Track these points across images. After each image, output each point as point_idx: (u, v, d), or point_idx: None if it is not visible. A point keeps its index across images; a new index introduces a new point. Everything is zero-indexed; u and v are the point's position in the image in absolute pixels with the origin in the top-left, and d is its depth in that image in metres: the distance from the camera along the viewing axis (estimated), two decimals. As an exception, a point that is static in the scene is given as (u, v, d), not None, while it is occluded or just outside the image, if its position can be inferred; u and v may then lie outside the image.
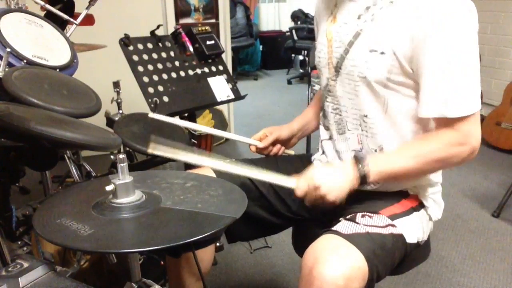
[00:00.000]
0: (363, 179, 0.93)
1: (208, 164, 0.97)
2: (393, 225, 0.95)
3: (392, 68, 0.94)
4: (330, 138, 1.13)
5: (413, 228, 1.00)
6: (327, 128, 1.15)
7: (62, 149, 1.50)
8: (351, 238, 0.86)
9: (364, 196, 1.02)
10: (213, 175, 1.09)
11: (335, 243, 0.86)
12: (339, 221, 0.94)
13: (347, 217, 0.95)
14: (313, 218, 1.16)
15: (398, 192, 1.05)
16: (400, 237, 0.95)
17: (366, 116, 1.01)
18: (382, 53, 0.93)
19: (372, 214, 0.95)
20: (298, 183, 0.94)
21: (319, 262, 0.82)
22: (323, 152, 1.17)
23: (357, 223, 0.92)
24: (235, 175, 0.95)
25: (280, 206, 1.16)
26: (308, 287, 0.82)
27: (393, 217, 0.97)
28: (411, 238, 0.98)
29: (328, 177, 0.92)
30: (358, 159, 0.94)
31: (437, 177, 1.09)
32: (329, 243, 0.86)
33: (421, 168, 0.95)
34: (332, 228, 0.91)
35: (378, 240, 0.90)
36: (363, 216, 0.94)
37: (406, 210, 1.01)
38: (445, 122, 0.92)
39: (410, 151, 0.95)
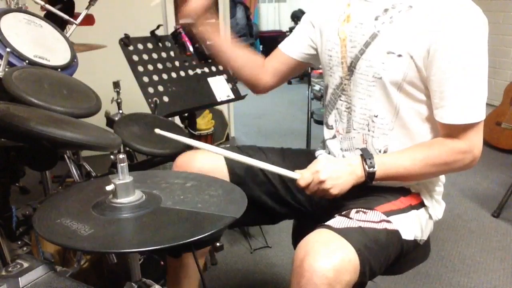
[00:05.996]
0: (369, 177, 0.96)
1: (213, 150, 1.00)
2: (388, 221, 0.96)
3: (408, 71, 0.96)
4: (334, 137, 1.14)
5: (410, 225, 1.00)
6: (331, 127, 1.15)
7: (62, 149, 1.50)
8: (343, 232, 0.87)
9: (363, 193, 1.02)
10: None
11: (327, 236, 0.87)
12: (334, 217, 0.95)
13: (342, 213, 0.96)
14: (314, 212, 1.17)
15: (399, 189, 1.06)
16: (395, 233, 0.96)
17: (376, 116, 1.03)
18: (400, 55, 0.96)
19: (367, 210, 0.96)
20: (303, 174, 0.96)
21: (310, 255, 0.83)
22: (329, 152, 1.18)
23: (351, 218, 0.93)
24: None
25: (284, 192, 1.17)
26: (299, 279, 0.83)
27: (388, 213, 0.98)
28: (407, 235, 0.98)
29: (334, 173, 0.94)
30: (365, 157, 0.96)
31: (441, 177, 1.10)
32: (321, 236, 0.87)
33: (426, 171, 0.98)
34: (326, 223, 0.92)
35: (370, 234, 0.90)
36: (357, 212, 0.95)
37: (403, 208, 1.02)
38: (454, 128, 0.95)
39: (416, 154, 0.97)
